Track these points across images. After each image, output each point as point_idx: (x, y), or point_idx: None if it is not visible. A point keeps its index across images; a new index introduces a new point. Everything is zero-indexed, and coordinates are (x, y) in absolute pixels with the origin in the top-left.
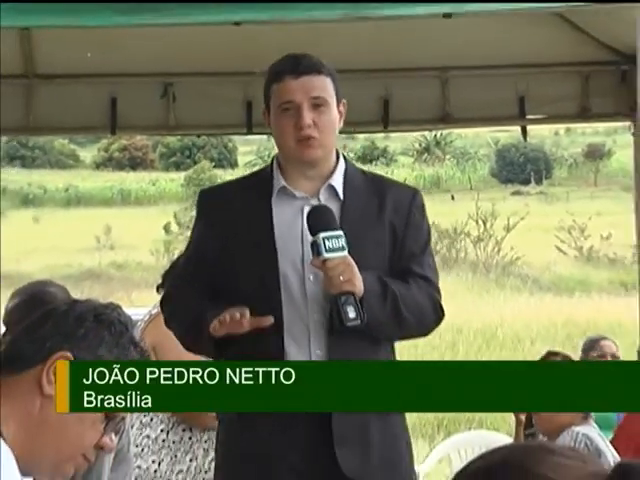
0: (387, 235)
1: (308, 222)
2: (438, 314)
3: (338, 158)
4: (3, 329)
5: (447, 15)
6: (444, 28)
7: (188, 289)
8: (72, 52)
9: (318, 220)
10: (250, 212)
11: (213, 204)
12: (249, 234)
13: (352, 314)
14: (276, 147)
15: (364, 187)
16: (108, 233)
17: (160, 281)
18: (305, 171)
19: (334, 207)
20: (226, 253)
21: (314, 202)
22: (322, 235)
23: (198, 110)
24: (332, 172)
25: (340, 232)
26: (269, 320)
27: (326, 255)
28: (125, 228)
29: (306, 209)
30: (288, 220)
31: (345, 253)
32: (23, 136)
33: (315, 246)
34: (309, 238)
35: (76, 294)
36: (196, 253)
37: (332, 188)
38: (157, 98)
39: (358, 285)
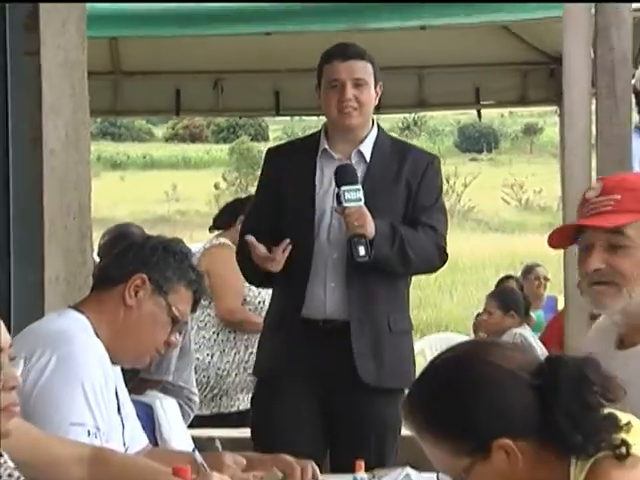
0: (403, 190)
1: (335, 177)
2: (442, 257)
3: (372, 128)
4: (98, 259)
5: (422, 27)
6: (420, 37)
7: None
8: (148, 55)
9: (342, 176)
10: (300, 169)
11: (274, 161)
12: (297, 186)
13: (362, 252)
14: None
15: (389, 151)
16: (174, 189)
17: (212, 224)
18: (344, 135)
19: (361, 167)
20: (279, 199)
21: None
22: (343, 188)
23: (240, 98)
24: (364, 138)
25: (359, 186)
26: (284, 244)
27: (345, 204)
28: (187, 185)
29: None
30: (326, 177)
31: (361, 204)
32: (112, 117)
33: (338, 197)
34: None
35: (151, 233)
36: (256, 204)
37: (361, 152)
38: (210, 89)
39: (369, 229)
